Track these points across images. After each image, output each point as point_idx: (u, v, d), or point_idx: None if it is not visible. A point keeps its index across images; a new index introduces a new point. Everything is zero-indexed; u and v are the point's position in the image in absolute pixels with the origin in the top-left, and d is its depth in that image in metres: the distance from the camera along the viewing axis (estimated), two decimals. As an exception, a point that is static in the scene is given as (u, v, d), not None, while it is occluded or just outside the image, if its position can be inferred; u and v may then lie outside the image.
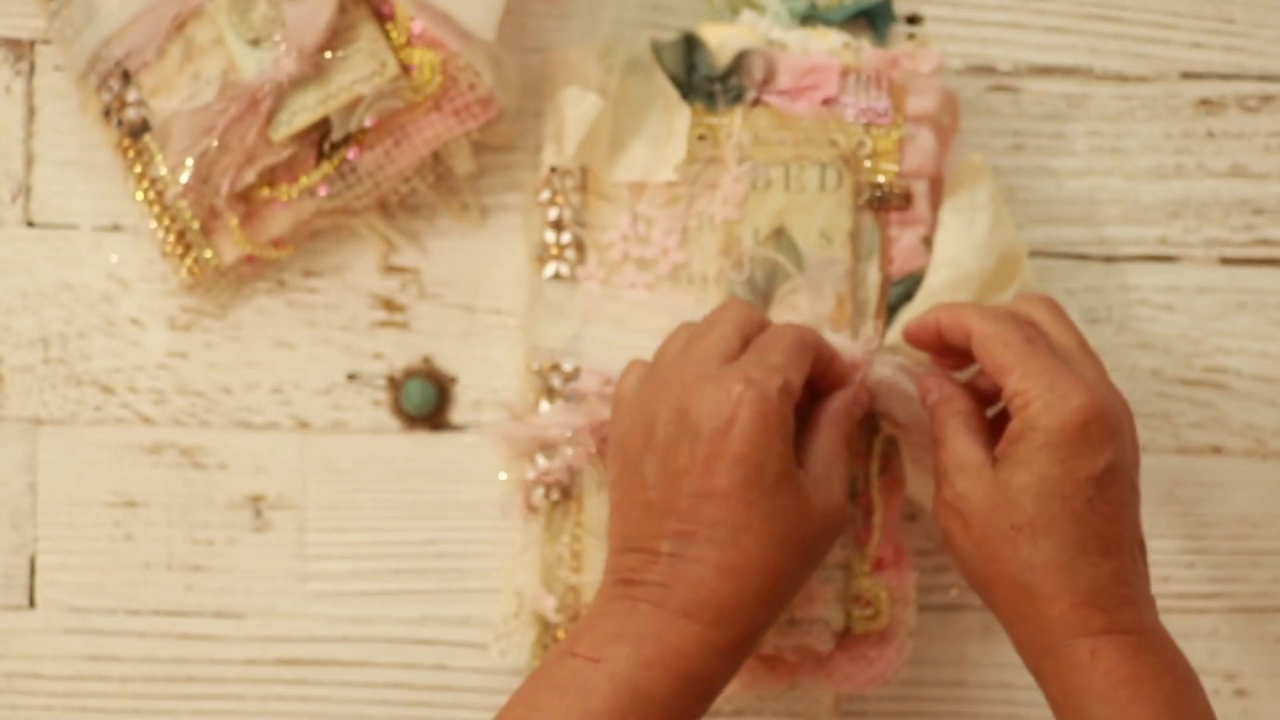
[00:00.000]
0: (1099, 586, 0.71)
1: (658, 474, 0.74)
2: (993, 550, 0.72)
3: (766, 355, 0.74)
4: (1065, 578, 0.71)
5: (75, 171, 0.89)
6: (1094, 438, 0.71)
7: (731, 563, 0.72)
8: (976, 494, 0.73)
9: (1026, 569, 0.71)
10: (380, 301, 0.90)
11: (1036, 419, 0.72)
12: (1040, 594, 0.71)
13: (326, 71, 0.83)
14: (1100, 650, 0.70)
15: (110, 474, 0.89)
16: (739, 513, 0.72)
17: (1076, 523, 0.71)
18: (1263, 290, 0.91)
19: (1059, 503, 0.71)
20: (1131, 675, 0.70)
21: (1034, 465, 0.72)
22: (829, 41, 0.84)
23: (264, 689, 0.90)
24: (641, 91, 0.84)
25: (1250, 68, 0.91)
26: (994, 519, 0.72)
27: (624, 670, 0.71)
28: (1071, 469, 0.71)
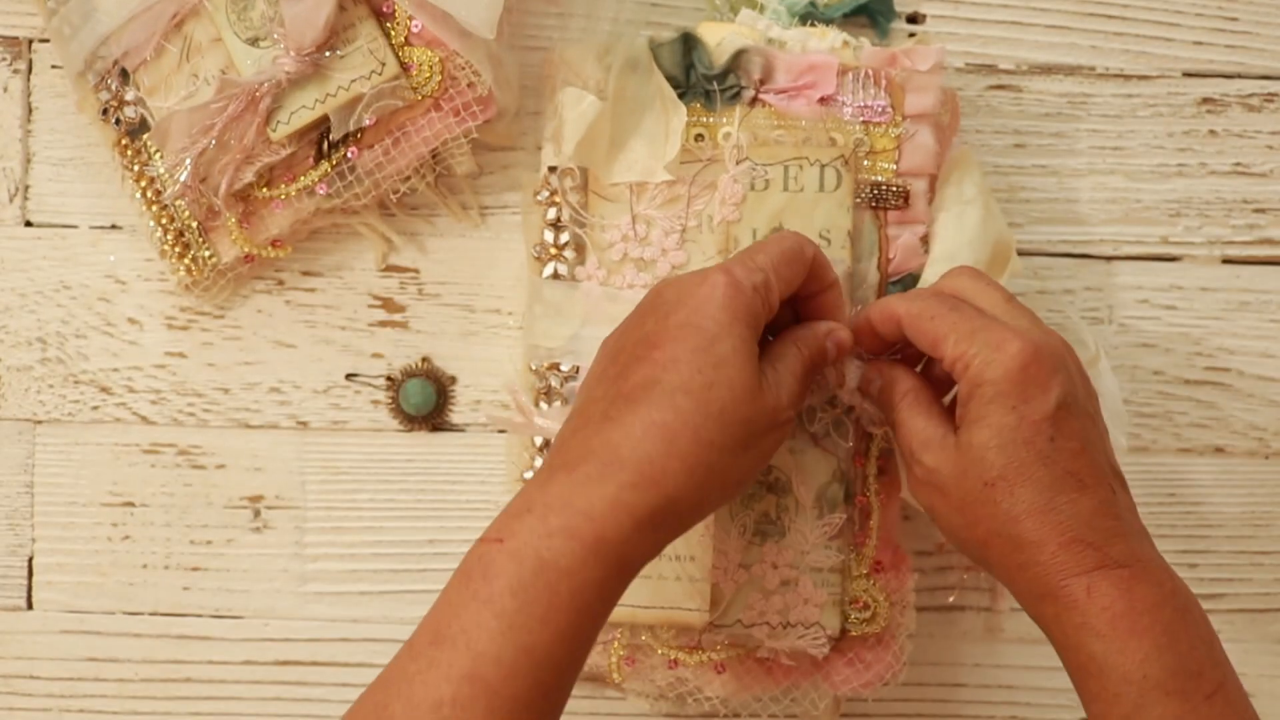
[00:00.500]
0: (1083, 522, 0.71)
1: (619, 345, 0.73)
2: (974, 513, 0.72)
3: (754, 255, 0.74)
4: (1048, 519, 0.71)
5: (73, 171, 0.89)
6: (1038, 378, 0.71)
7: (661, 421, 0.69)
8: (945, 464, 0.73)
9: (1009, 521, 0.71)
10: (379, 301, 0.90)
11: (980, 375, 0.72)
12: (1028, 541, 0.71)
13: (325, 70, 0.83)
14: (1095, 586, 0.70)
15: (108, 474, 0.89)
16: (682, 374, 0.69)
17: (1045, 464, 0.71)
18: (1265, 290, 0.90)
19: (1022, 449, 0.71)
20: (1128, 609, 0.70)
21: (989, 419, 0.72)
22: (828, 40, 0.84)
23: (263, 690, 0.89)
24: (640, 91, 0.84)
25: (1253, 66, 0.90)
26: (966, 482, 0.72)
27: (527, 544, 0.67)
28: (1025, 413, 0.71)
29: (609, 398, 0.71)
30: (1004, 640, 0.91)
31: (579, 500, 0.67)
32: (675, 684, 0.85)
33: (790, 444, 0.82)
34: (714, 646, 0.83)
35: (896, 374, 0.78)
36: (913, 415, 0.76)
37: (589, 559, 0.67)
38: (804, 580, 0.82)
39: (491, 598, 0.66)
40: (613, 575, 0.68)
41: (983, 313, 0.74)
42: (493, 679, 0.65)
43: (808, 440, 0.83)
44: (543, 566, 0.66)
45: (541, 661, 0.66)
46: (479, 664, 0.65)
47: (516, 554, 0.67)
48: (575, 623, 0.66)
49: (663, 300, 0.72)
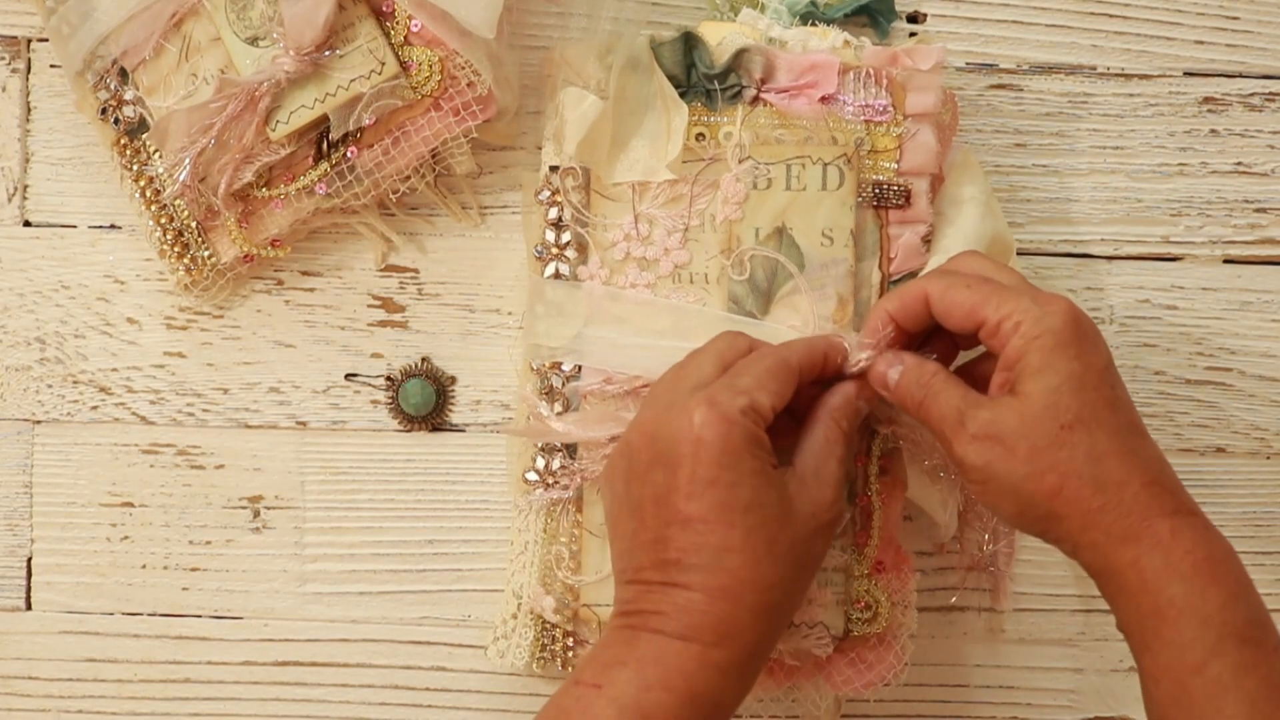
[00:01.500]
0: (1159, 466, 0.72)
1: (638, 504, 0.74)
2: (1048, 459, 0.72)
3: (737, 378, 0.74)
4: (1129, 461, 0.72)
5: (72, 170, 0.89)
6: (1090, 333, 0.73)
7: (720, 585, 0.72)
8: (1007, 416, 0.73)
9: (1090, 460, 0.71)
10: (379, 301, 0.89)
11: (1035, 328, 0.72)
12: (1111, 480, 0.71)
13: (325, 70, 0.83)
14: (1179, 530, 0.71)
15: (107, 474, 0.89)
16: (718, 535, 0.72)
17: (1115, 410, 0.72)
18: (1267, 289, 0.90)
19: (1094, 392, 0.72)
20: (1207, 555, 0.71)
21: (1056, 366, 0.72)
22: (829, 39, 0.84)
23: (262, 690, 0.89)
24: (641, 90, 0.84)
25: (1254, 66, 0.90)
26: (1039, 428, 0.72)
27: (627, 694, 0.71)
28: (1089, 362, 0.72)
29: (657, 565, 0.73)
30: (1005, 641, 0.91)
31: (671, 658, 0.71)
32: (676, 684, 0.85)
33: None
34: (715, 647, 0.83)
35: (914, 360, 0.77)
36: (952, 386, 0.75)
37: (685, 711, 0.71)
38: (806, 580, 0.82)
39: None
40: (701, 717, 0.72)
41: (1015, 279, 0.75)
42: None
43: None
44: (643, 716, 0.70)
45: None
46: None
47: (616, 701, 0.71)
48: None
49: (658, 447, 0.73)
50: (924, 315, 0.76)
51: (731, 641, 0.72)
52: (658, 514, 0.73)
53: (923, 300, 0.76)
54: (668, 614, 0.72)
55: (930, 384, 0.76)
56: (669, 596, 0.72)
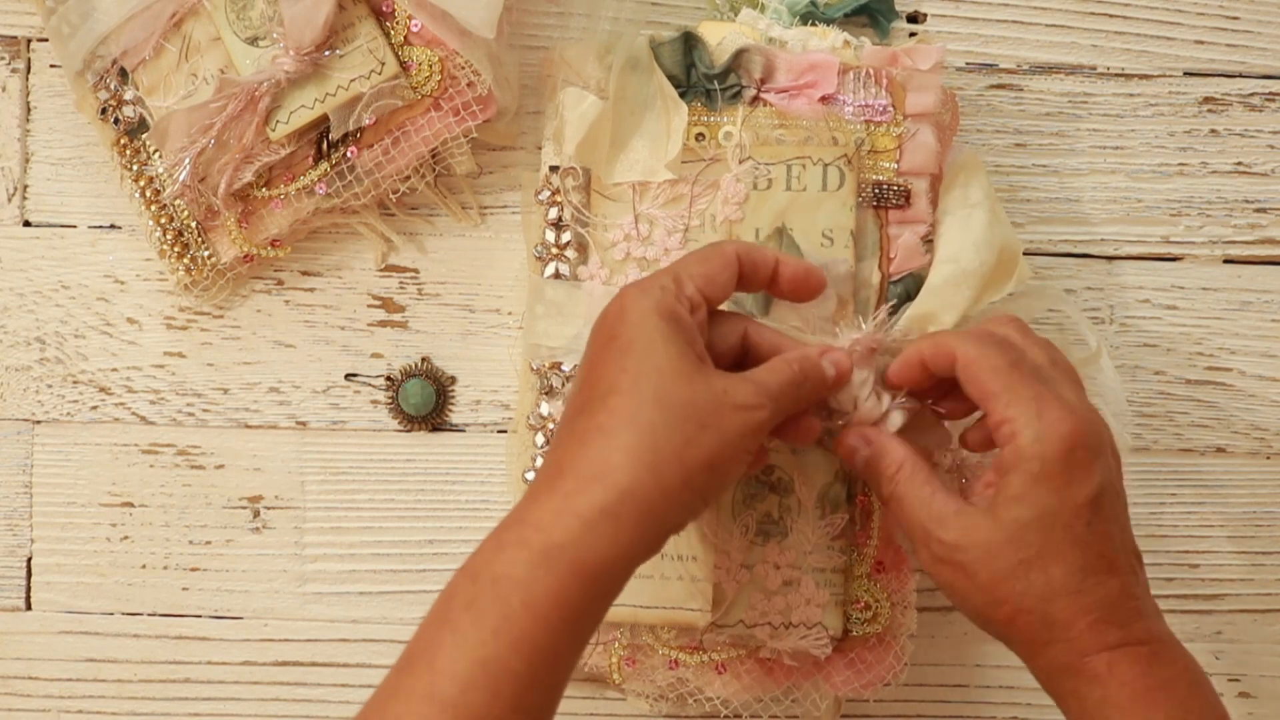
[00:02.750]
0: (1110, 603, 0.72)
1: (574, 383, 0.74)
2: (1004, 590, 0.73)
3: (673, 266, 0.74)
4: (1078, 600, 0.72)
5: (72, 170, 0.89)
6: (1083, 462, 0.72)
7: (598, 424, 0.69)
8: (972, 539, 0.73)
9: (1041, 600, 0.72)
10: (379, 301, 0.89)
11: (1027, 450, 0.72)
12: (1058, 620, 0.72)
13: (325, 70, 0.83)
14: (1116, 662, 0.72)
15: (107, 474, 0.89)
16: (606, 378, 0.70)
17: (1080, 547, 0.72)
18: (1266, 289, 0.90)
19: (1061, 531, 0.72)
20: (1146, 685, 0.72)
21: (1031, 498, 0.72)
22: (829, 39, 0.84)
23: (262, 690, 0.89)
24: (640, 90, 0.84)
25: (1254, 66, 0.90)
26: (999, 559, 0.72)
27: (481, 562, 0.68)
28: (1067, 496, 0.72)
29: (559, 438, 0.71)
30: (1005, 641, 0.90)
31: (529, 513, 0.68)
32: (676, 684, 0.85)
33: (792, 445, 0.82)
34: (715, 647, 0.83)
35: (887, 443, 0.77)
36: (916, 488, 0.75)
37: (539, 567, 0.66)
38: (806, 580, 0.82)
39: (448, 617, 0.67)
40: (572, 585, 0.67)
41: (1039, 374, 0.74)
42: (451, 693, 0.65)
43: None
44: (495, 580, 0.67)
45: (499, 674, 0.66)
46: (438, 680, 0.66)
47: (471, 572, 0.68)
48: (532, 634, 0.66)
49: (593, 335, 0.73)
50: (950, 368, 0.76)
51: (596, 483, 0.68)
52: (575, 389, 0.72)
53: (951, 357, 0.76)
54: (546, 467, 0.70)
55: (897, 480, 0.75)
56: (556, 450, 0.70)
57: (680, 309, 0.72)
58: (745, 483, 0.83)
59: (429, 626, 0.68)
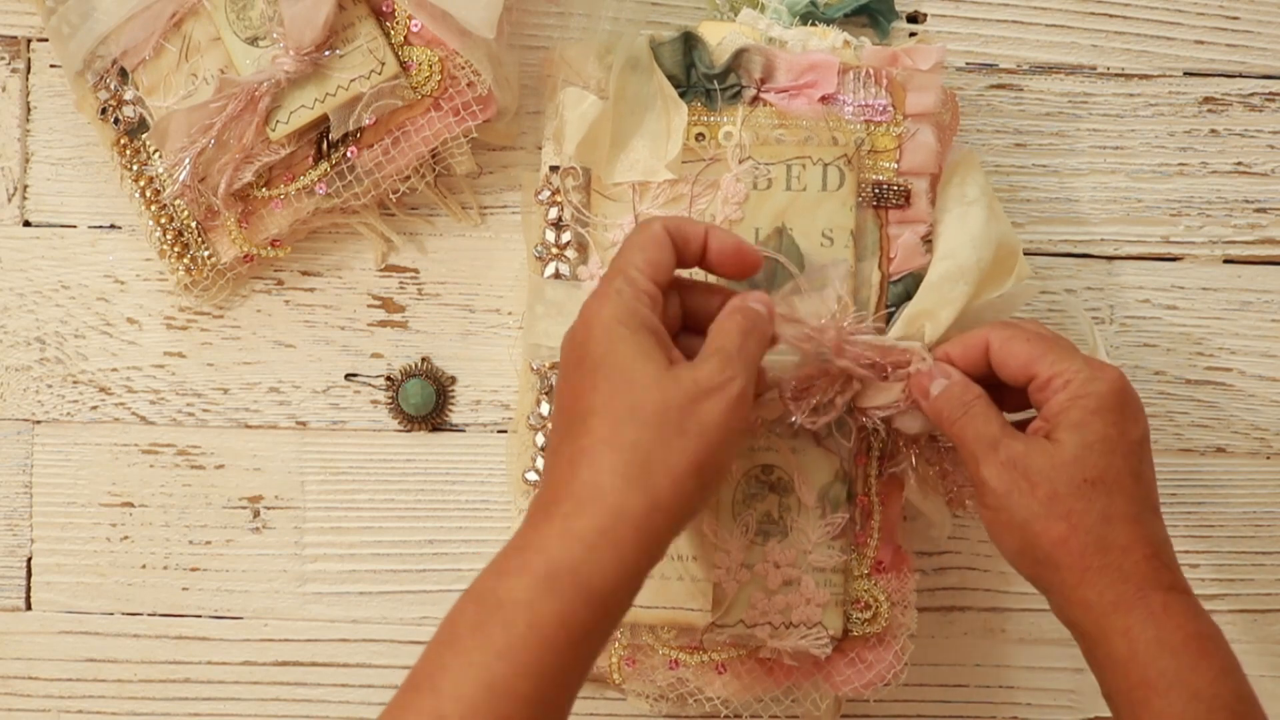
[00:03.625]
0: (1162, 541, 0.74)
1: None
2: (1064, 506, 0.73)
3: (617, 259, 0.74)
4: (1138, 530, 0.73)
5: (72, 170, 0.89)
6: (1133, 406, 0.75)
7: (581, 447, 0.69)
8: (1038, 454, 0.74)
9: (1103, 520, 0.73)
10: (379, 301, 0.89)
11: (1084, 388, 0.74)
12: (1117, 544, 0.72)
13: (325, 70, 0.83)
14: (1172, 605, 0.72)
15: (107, 474, 0.89)
16: (582, 399, 0.70)
17: (1137, 481, 0.74)
18: (1266, 289, 0.90)
19: (1122, 460, 0.73)
20: (1198, 631, 0.72)
21: (1094, 426, 0.73)
22: (829, 39, 0.84)
23: (262, 690, 0.89)
24: (640, 90, 0.84)
25: (1254, 66, 0.90)
26: (1063, 475, 0.73)
27: (486, 587, 0.68)
28: (1125, 430, 0.74)
29: (549, 463, 0.72)
30: (1005, 640, 0.91)
31: (531, 539, 0.69)
32: (676, 684, 0.85)
33: (792, 444, 0.82)
34: (715, 647, 0.83)
35: (962, 377, 0.78)
36: (991, 411, 0.76)
37: (542, 589, 0.67)
38: (806, 580, 0.82)
39: (455, 639, 0.67)
40: (578, 606, 0.67)
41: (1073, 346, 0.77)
42: (455, 717, 0.66)
43: (810, 440, 0.83)
44: (500, 604, 0.67)
45: (504, 696, 0.66)
46: (442, 704, 0.66)
47: (477, 596, 0.68)
48: (538, 657, 0.66)
49: (563, 356, 0.73)
50: (982, 362, 0.78)
51: (591, 505, 0.68)
52: (557, 412, 0.73)
53: (983, 347, 0.77)
54: (536, 501, 0.71)
55: (972, 404, 0.77)
56: (542, 478, 0.72)
57: (641, 308, 0.72)
58: (745, 483, 0.83)
59: (434, 649, 0.68)
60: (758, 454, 0.83)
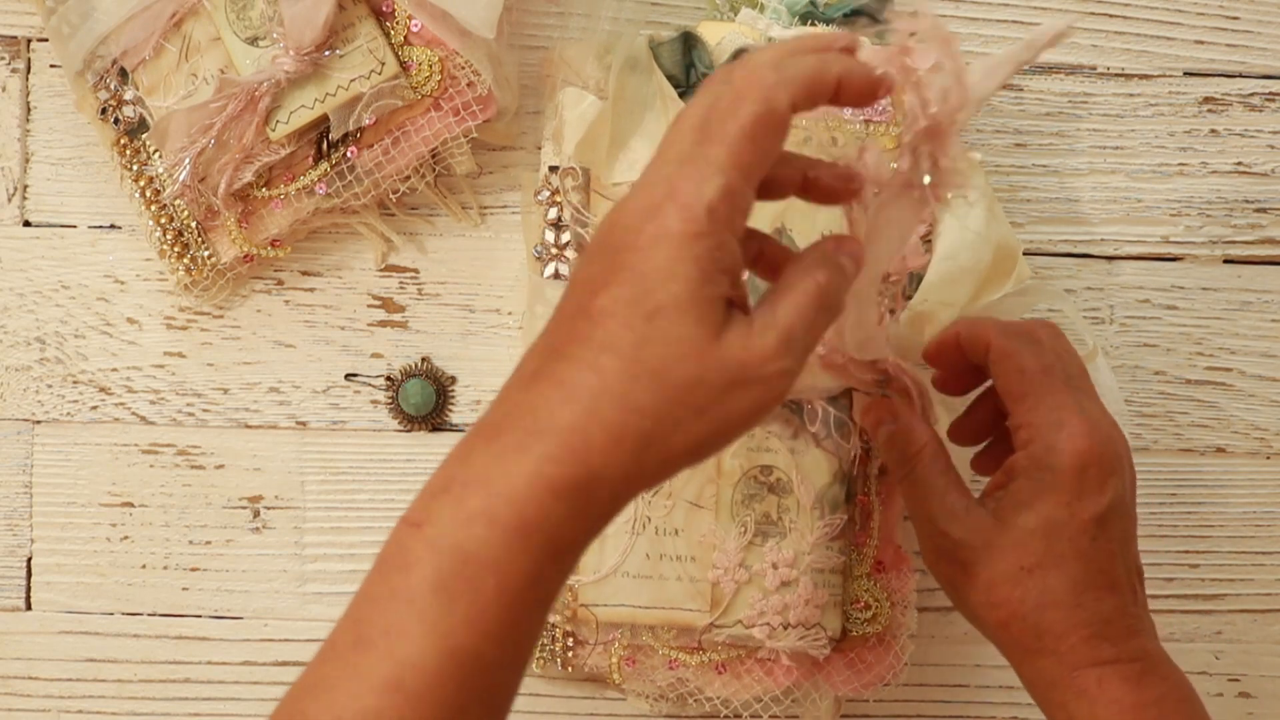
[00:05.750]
0: (1105, 619, 0.72)
1: (566, 293, 0.63)
2: (1001, 594, 0.73)
3: (709, 146, 0.61)
4: (1074, 614, 0.72)
5: (72, 170, 0.89)
6: (1096, 479, 0.72)
7: (583, 383, 0.60)
8: (977, 538, 0.73)
9: (1037, 609, 0.72)
10: (379, 301, 0.89)
11: (1042, 459, 0.72)
12: (1051, 631, 0.72)
13: (325, 70, 0.83)
14: (1106, 679, 0.72)
15: (107, 474, 0.89)
16: (608, 330, 0.60)
17: (1082, 561, 0.72)
18: (1266, 289, 0.90)
19: (1065, 543, 0.72)
20: (1135, 702, 0.71)
21: (1040, 507, 0.72)
22: (830, 39, 0.84)
23: (262, 690, 0.89)
24: (640, 90, 0.84)
25: (1254, 66, 0.90)
26: (1000, 562, 0.73)
27: (445, 533, 0.59)
28: (1076, 510, 0.72)
29: (543, 352, 0.62)
30: (1005, 641, 0.90)
31: (498, 478, 0.60)
32: (675, 685, 0.85)
33: (792, 445, 0.82)
34: (714, 647, 0.83)
35: (914, 423, 0.77)
36: (935, 476, 0.75)
37: (514, 547, 0.59)
38: (805, 581, 0.82)
39: (412, 596, 0.59)
40: (545, 563, 0.60)
41: (1069, 382, 0.74)
42: (417, 686, 0.59)
43: (809, 441, 0.83)
44: (465, 559, 0.59)
45: (469, 664, 0.59)
46: (402, 670, 0.59)
47: (434, 543, 0.60)
48: (506, 620, 0.59)
49: (612, 236, 0.62)
50: (981, 357, 0.76)
51: (573, 458, 0.59)
52: (576, 300, 0.62)
53: (985, 347, 0.76)
54: (513, 416, 0.61)
55: (916, 462, 0.75)
56: (526, 393, 0.61)
57: (729, 238, 0.61)
58: (744, 483, 0.83)
59: (382, 595, 0.60)
60: (757, 455, 0.83)
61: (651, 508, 0.83)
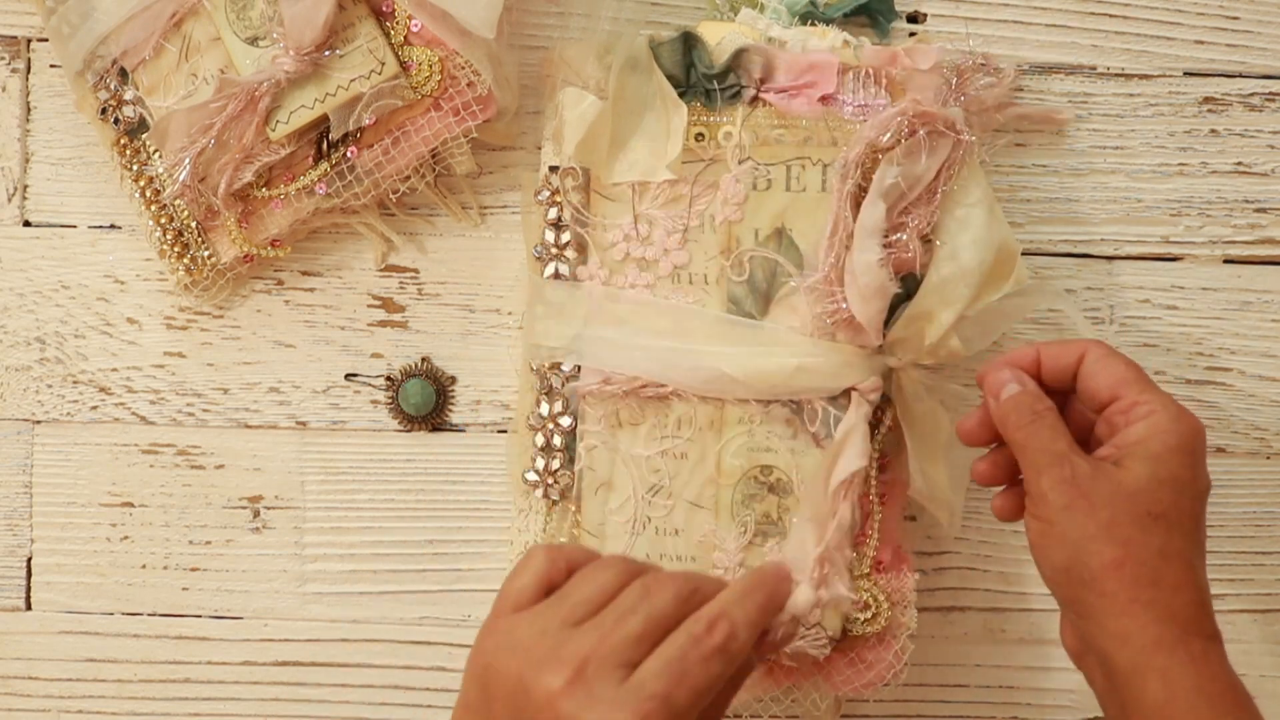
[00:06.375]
0: (1207, 589, 0.73)
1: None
2: (1124, 533, 0.72)
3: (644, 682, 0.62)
4: (1191, 573, 0.72)
5: (72, 170, 0.89)
6: (1202, 455, 0.74)
7: None
8: (1104, 478, 0.73)
9: (1160, 555, 0.71)
10: (379, 301, 0.89)
11: (1165, 425, 0.73)
12: (1168, 581, 0.71)
13: (325, 70, 0.83)
14: (1211, 654, 0.71)
15: (107, 474, 0.89)
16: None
17: (1198, 525, 0.73)
18: (1266, 290, 0.90)
19: (1189, 502, 0.73)
20: (1233, 684, 0.71)
21: (1169, 463, 0.73)
22: (828, 39, 0.84)
23: (262, 690, 0.89)
24: (640, 90, 0.84)
25: (1254, 66, 0.90)
26: (1128, 503, 0.72)
27: None
28: (1197, 474, 0.73)
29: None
30: (1005, 641, 0.91)
31: None
32: (676, 685, 0.84)
33: (792, 445, 0.82)
34: (715, 647, 0.83)
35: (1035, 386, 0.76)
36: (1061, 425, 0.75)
37: None
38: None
39: None
40: None
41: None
42: None
43: (809, 441, 0.83)
44: None
45: None
46: None
47: None
48: None
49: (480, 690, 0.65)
50: (1070, 370, 0.76)
51: None
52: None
53: (1077, 356, 0.76)
54: None
55: (1043, 414, 0.75)
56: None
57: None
58: (744, 483, 0.83)
59: None
60: (757, 455, 0.83)
61: (652, 508, 0.83)
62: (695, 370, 0.82)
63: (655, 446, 0.83)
